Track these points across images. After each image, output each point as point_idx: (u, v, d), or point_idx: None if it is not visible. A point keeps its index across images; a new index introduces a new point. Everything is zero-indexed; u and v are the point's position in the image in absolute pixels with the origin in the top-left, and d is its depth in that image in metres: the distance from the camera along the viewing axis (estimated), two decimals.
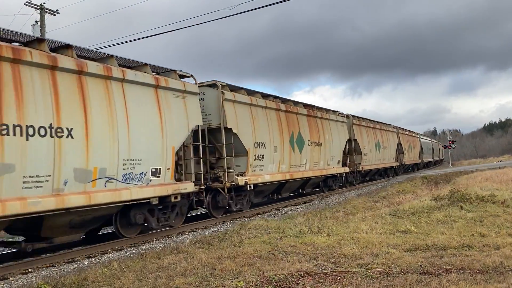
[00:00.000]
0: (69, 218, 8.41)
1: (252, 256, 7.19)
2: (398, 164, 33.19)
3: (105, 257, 8.64)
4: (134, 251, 9.07)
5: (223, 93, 12.97)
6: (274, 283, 5.60)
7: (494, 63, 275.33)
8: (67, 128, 8.05)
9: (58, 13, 24.06)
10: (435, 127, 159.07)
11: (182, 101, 11.14)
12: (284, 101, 17.03)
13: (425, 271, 5.79)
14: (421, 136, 47.87)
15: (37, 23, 23.19)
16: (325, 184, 21.05)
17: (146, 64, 10.52)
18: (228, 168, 13.03)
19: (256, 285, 5.56)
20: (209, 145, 12.98)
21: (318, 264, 6.51)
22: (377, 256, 6.80)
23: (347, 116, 24.02)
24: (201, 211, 14.70)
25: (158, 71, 11.30)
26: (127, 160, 9.27)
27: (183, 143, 11.26)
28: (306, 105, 18.81)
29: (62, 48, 8.66)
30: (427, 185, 23.71)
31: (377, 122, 29.81)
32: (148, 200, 9.87)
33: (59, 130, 7.90)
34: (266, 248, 7.83)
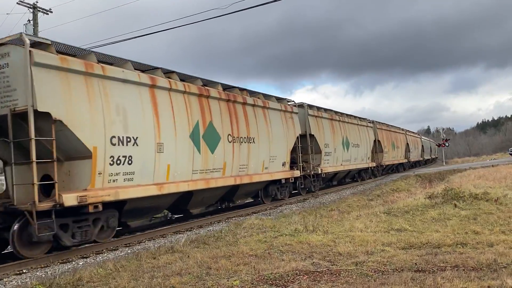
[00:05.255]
0: None
1: (247, 255, 7.19)
2: (375, 165, 29.06)
3: (100, 257, 8.62)
4: (129, 251, 9.05)
5: (32, 54, 7.94)
6: (270, 282, 5.61)
7: (494, 61, 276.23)
8: None
9: (51, 12, 23.94)
10: (428, 126, 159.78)
11: None
12: (185, 78, 12.18)
13: (420, 269, 5.83)
14: (408, 133, 43.03)
15: (29, 22, 23.04)
16: (265, 193, 16.13)
17: None
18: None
19: (252, 284, 5.57)
20: (14, 140, 8.26)
21: (313, 262, 6.53)
22: (372, 254, 6.83)
23: (300, 105, 19.04)
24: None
25: None
26: None
27: None
28: (227, 88, 14.08)
29: None
30: (421, 183, 23.87)
31: (347, 114, 24.97)
32: None
33: None
34: (261, 247, 7.83)
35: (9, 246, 8.81)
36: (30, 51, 8.03)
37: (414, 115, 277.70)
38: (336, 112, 23.46)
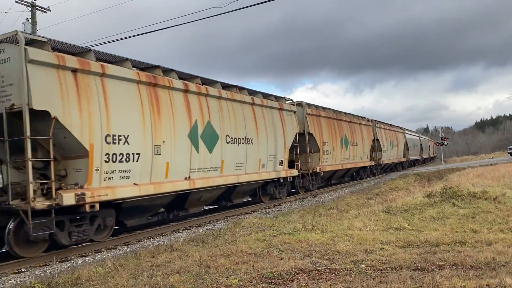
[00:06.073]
0: None
1: (246, 254, 7.20)
2: (298, 173, 17.63)
3: (99, 256, 8.61)
4: (128, 250, 9.04)
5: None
6: (269, 280, 5.61)
7: (494, 59, 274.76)
8: None
9: (50, 10, 23.88)
10: (427, 124, 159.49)
11: None
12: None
13: (419, 267, 5.83)
14: (379, 125, 32.10)
15: (28, 20, 22.98)
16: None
17: None
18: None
19: (251, 282, 5.57)
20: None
21: (312, 261, 6.53)
22: (371, 252, 6.83)
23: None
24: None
25: None
26: None
27: None
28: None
29: None
30: (419, 182, 23.85)
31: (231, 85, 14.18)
32: None
33: None
34: (260, 245, 7.84)
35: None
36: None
37: (413, 114, 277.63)
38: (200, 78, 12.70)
